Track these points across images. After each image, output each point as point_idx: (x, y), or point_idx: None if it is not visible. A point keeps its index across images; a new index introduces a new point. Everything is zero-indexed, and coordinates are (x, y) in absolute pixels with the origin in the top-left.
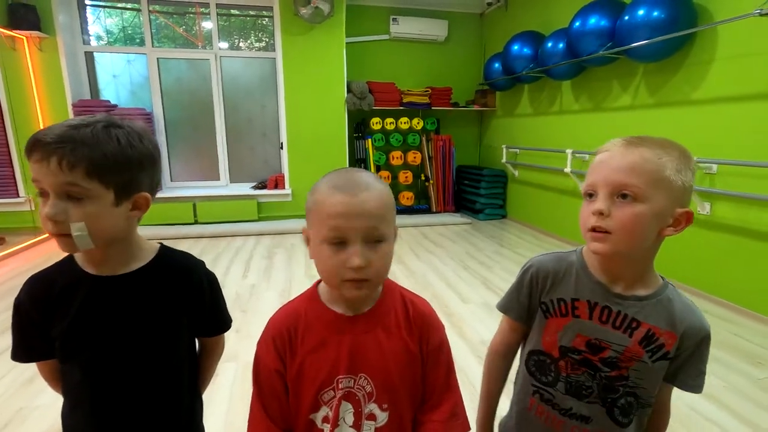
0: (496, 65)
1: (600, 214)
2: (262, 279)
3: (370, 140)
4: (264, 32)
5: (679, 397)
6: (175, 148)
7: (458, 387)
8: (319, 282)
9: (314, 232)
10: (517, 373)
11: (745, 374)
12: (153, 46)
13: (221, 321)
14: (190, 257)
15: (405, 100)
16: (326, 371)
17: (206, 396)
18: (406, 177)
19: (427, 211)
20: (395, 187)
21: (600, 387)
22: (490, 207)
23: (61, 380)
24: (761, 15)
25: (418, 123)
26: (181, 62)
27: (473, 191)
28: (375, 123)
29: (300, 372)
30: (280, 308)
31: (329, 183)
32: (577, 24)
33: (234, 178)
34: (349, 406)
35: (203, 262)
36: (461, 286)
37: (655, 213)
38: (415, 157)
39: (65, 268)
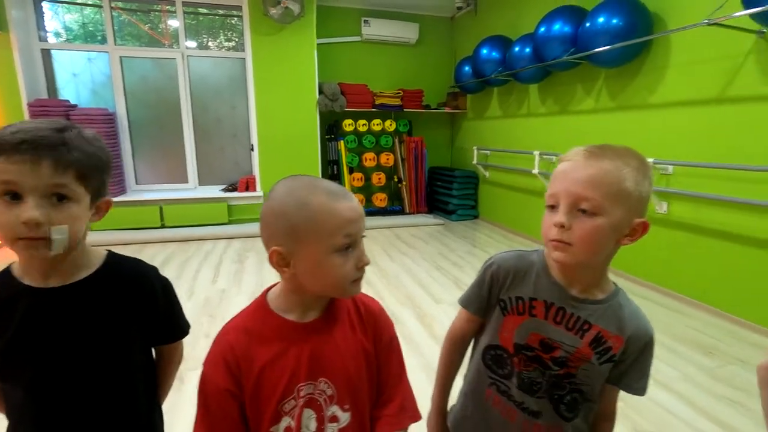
0: (467, 68)
1: (561, 226)
2: (232, 283)
3: (342, 142)
4: (234, 32)
5: None
6: (141, 150)
7: (408, 381)
8: (267, 291)
9: (314, 247)
10: (469, 367)
11: (699, 365)
12: (116, 44)
13: (177, 327)
14: (141, 263)
15: (377, 102)
16: (285, 381)
17: (171, 406)
18: (379, 179)
19: (401, 212)
20: (368, 189)
21: (548, 384)
22: (463, 208)
23: (2, 400)
24: (709, 24)
25: (390, 125)
26: (146, 61)
27: (446, 192)
28: (347, 125)
29: (258, 387)
30: (228, 323)
31: (322, 194)
32: (542, 29)
33: (203, 181)
34: (312, 412)
35: (155, 267)
36: (434, 286)
37: (613, 225)
38: (387, 159)
39: (1, 280)
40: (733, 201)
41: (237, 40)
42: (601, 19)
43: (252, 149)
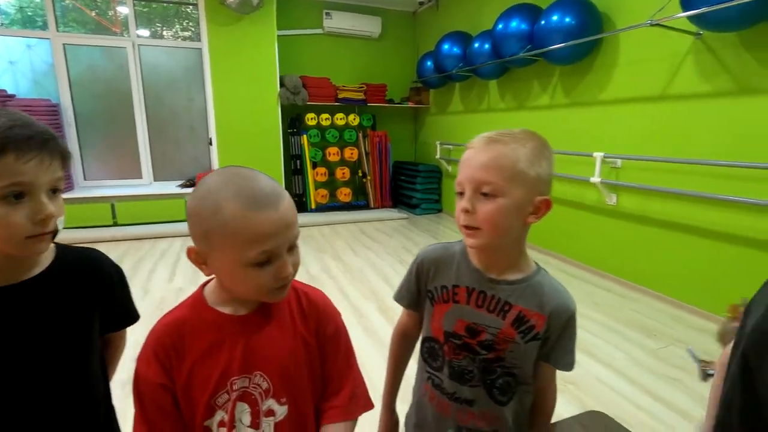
0: (429, 63)
1: (466, 212)
2: (189, 282)
3: (305, 136)
4: (190, 21)
5: (588, 371)
6: (89, 144)
7: (359, 371)
8: (204, 285)
9: (227, 257)
10: (417, 360)
11: (644, 347)
12: (58, 31)
13: (130, 313)
14: (93, 251)
15: (340, 96)
16: (218, 375)
17: (124, 407)
18: (344, 173)
19: (365, 206)
20: (333, 184)
21: (479, 370)
22: (426, 202)
23: None
24: (652, 25)
25: (354, 119)
26: (94, 50)
27: (410, 186)
28: (310, 119)
29: (189, 380)
30: (161, 318)
31: (237, 198)
32: (500, 26)
33: (159, 176)
34: (246, 406)
35: (107, 255)
36: (397, 280)
37: (515, 205)
38: (352, 153)
39: None
40: (676, 193)
41: (194, 29)
42: (554, 18)
43: (210, 143)
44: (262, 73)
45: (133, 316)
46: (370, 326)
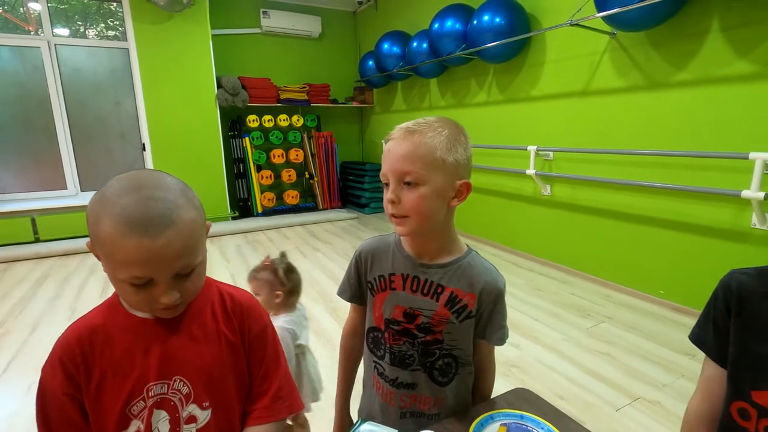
0: (370, 63)
1: (393, 202)
2: None
3: (247, 138)
4: (115, 19)
5: (530, 354)
6: (2, 153)
7: (287, 372)
8: None
9: (106, 267)
10: (365, 354)
11: (578, 326)
12: None
13: None
14: None
15: (282, 97)
16: (133, 382)
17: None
18: (290, 175)
19: (314, 208)
20: (279, 187)
21: (419, 353)
22: (375, 201)
23: None
24: (572, 25)
25: (298, 120)
26: (2, 49)
27: (358, 186)
28: (252, 120)
29: (100, 389)
30: (70, 325)
31: (114, 216)
32: (436, 26)
33: (86, 186)
34: (163, 413)
35: None
36: None
37: (437, 191)
38: (297, 155)
39: None
40: (601, 181)
41: (121, 28)
42: (486, 18)
43: (144, 149)
44: (197, 74)
45: None
46: (320, 329)
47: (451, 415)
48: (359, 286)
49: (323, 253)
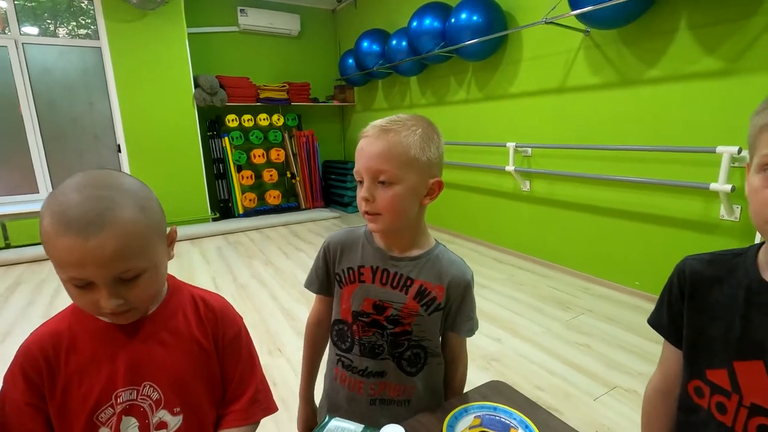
0: (350, 61)
1: (366, 200)
2: None
3: (227, 138)
4: (86, 17)
5: (510, 347)
6: None
7: (262, 376)
8: None
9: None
10: (328, 347)
11: (558, 319)
12: None
13: None
14: None
15: (262, 96)
16: (100, 389)
17: None
18: (271, 175)
19: (297, 208)
20: (261, 187)
21: (388, 344)
22: None
23: None
24: (547, 23)
25: (278, 119)
26: None
27: (340, 185)
28: (231, 120)
29: (66, 397)
30: (33, 332)
31: (52, 214)
32: (415, 24)
33: None
34: (133, 420)
35: None
36: None
37: (410, 190)
38: (278, 155)
39: None
40: (577, 176)
41: (93, 26)
42: (463, 16)
43: (119, 150)
44: (173, 74)
45: None
46: (302, 329)
47: (421, 404)
48: (327, 277)
49: (306, 252)
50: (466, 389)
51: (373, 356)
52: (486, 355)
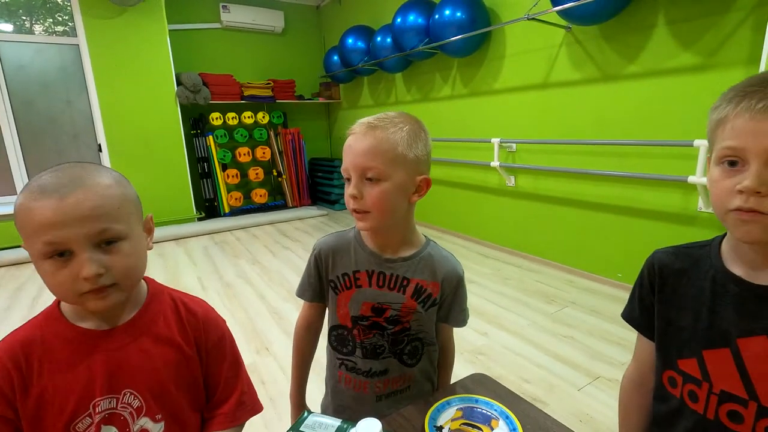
0: (335, 58)
1: (354, 197)
2: None
3: (211, 137)
4: (63, 13)
5: (497, 341)
6: None
7: (247, 378)
8: None
9: (28, 247)
10: (327, 351)
11: (543, 312)
12: None
13: None
14: None
15: (246, 93)
16: (76, 398)
17: None
18: (257, 174)
19: (283, 206)
20: (246, 185)
21: (389, 342)
22: None
23: None
24: (529, 19)
25: (263, 117)
26: None
27: (327, 183)
28: (215, 118)
29: (39, 408)
30: (3, 339)
31: (34, 184)
32: (399, 20)
33: None
34: (113, 429)
35: None
36: None
37: (398, 187)
38: (264, 153)
39: None
40: (560, 171)
41: (70, 23)
42: (447, 12)
43: (100, 149)
44: (154, 71)
45: None
46: (289, 328)
47: (418, 387)
48: (320, 284)
49: (293, 251)
50: (451, 381)
51: (375, 356)
52: (473, 349)
